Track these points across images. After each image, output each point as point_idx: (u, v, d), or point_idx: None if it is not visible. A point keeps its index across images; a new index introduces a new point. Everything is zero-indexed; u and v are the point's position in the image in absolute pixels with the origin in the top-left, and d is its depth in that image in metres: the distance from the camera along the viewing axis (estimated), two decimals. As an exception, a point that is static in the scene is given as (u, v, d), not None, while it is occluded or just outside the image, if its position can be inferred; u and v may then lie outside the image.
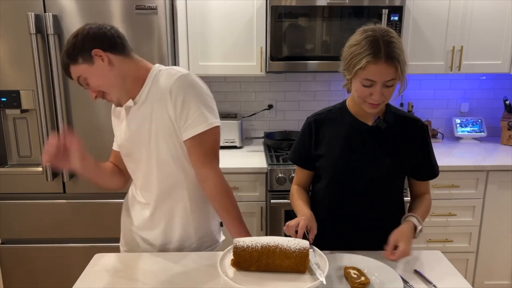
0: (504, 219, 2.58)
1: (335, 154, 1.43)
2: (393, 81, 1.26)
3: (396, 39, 1.25)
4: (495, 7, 2.60)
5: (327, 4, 2.46)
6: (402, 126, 1.42)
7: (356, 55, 1.26)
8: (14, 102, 2.17)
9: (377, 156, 1.40)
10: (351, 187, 1.44)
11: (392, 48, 1.23)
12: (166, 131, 1.37)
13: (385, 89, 1.27)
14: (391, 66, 1.23)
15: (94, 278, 1.32)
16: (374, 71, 1.24)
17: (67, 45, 1.29)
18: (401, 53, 1.24)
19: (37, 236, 2.34)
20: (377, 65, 1.23)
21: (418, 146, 1.43)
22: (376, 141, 1.40)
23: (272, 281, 1.19)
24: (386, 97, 1.30)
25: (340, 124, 1.45)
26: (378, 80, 1.25)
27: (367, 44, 1.24)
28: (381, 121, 1.39)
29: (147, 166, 1.42)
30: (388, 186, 1.46)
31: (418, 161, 1.44)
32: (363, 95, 1.30)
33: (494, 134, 3.10)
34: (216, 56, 2.61)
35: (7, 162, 2.31)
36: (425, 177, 1.49)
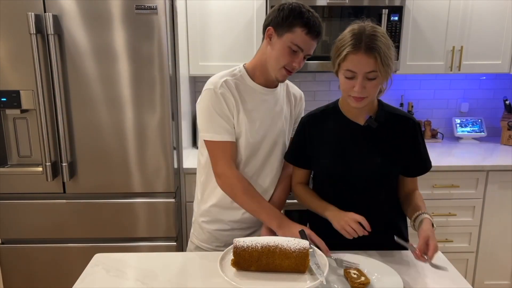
0: (504, 219, 2.58)
1: (327, 154, 1.45)
2: (374, 73, 1.26)
3: (380, 33, 1.27)
4: (495, 7, 2.60)
5: (327, 4, 2.46)
6: (393, 124, 1.42)
7: (339, 48, 1.31)
8: (14, 102, 2.17)
9: (368, 156, 1.41)
10: (344, 186, 1.45)
11: (373, 40, 1.25)
12: None
13: (367, 82, 1.28)
14: (370, 57, 1.24)
15: (94, 278, 1.32)
16: (354, 62, 1.26)
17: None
18: (383, 46, 1.25)
19: (37, 236, 2.34)
20: (356, 55, 1.25)
21: (408, 144, 1.43)
22: (367, 140, 1.41)
23: (272, 281, 1.19)
24: (368, 91, 1.29)
25: (332, 124, 1.46)
26: (358, 71, 1.26)
27: (350, 36, 1.28)
28: (372, 120, 1.40)
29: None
30: (381, 185, 1.46)
31: (408, 158, 1.44)
32: (346, 88, 1.32)
33: (494, 134, 3.10)
34: (216, 56, 2.61)
35: (7, 162, 2.31)
36: (416, 172, 1.50)
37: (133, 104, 2.19)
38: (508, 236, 2.60)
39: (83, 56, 2.13)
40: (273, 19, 1.41)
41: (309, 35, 1.38)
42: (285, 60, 1.41)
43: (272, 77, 1.47)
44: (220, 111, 1.44)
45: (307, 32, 1.38)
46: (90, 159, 2.25)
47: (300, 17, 1.37)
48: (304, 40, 1.39)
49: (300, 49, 1.40)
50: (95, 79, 2.15)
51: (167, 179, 2.30)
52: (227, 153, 1.46)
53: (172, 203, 2.33)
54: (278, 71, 1.44)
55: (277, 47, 1.41)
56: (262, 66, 1.48)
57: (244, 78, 1.50)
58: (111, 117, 2.20)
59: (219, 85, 1.44)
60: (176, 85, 2.33)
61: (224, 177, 1.47)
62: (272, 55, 1.43)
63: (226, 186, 1.48)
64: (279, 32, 1.40)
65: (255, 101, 1.50)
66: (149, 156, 2.26)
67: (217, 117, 1.44)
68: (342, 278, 1.27)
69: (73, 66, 2.14)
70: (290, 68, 1.43)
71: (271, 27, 1.42)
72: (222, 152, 1.46)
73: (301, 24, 1.37)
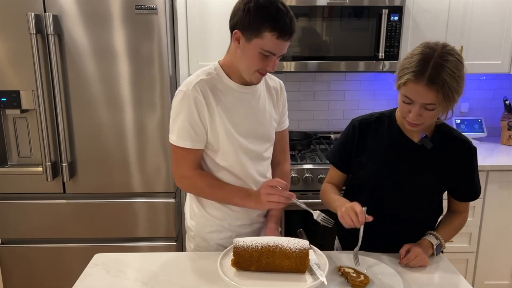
0: (504, 219, 2.58)
1: (374, 163, 1.41)
2: (432, 106, 1.20)
3: (451, 63, 1.17)
4: (495, 7, 2.60)
5: (327, 4, 2.45)
6: (448, 146, 1.37)
7: (404, 69, 1.23)
8: (14, 102, 2.17)
9: (416, 175, 1.37)
10: (384, 199, 1.42)
11: (440, 71, 1.16)
12: None
13: (425, 111, 1.22)
14: (431, 90, 1.17)
15: (94, 278, 1.32)
16: (413, 91, 1.20)
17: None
18: (448, 79, 1.16)
19: (37, 236, 2.34)
20: (417, 85, 1.18)
21: (461, 168, 1.38)
22: (418, 159, 1.37)
23: (272, 281, 1.19)
24: (425, 119, 1.24)
25: (385, 134, 1.42)
26: (416, 100, 1.21)
27: (417, 60, 1.20)
28: (427, 141, 1.35)
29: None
30: (424, 204, 1.44)
31: (458, 182, 1.40)
32: (402, 110, 1.28)
33: (494, 134, 3.10)
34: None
35: (7, 162, 2.31)
36: (464, 198, 1.45)
37: (133, 104, 2.19)
38: (508, 236, 2.60)
39: (83, 56, 2.13)
40: (239, 21, 1.29)
41: (280, 39, 1.28)
42: (257, 66, 1.33)
43: (247, 80, 1.40)
44: (189, 117, 1.37)
45: (278, 36, 1.27)
46: (90, 159, 2.25)
47: (268, 20, 1.25)
48: (275, 45, 1.28)
49: (272, 54, 1.31)
50: (95, 79, 2.15)
51: (167, 179, 2.30)
52: (189, 159, 1.42)
53: (172, 203, 2.33)
54: (252, 75, 1.36)
55: (247, 53, 1.31)
56: (234, 67, 1.40)
57: (221, 76, 1.43)
58: (111, 117, 2.20)
59: (192, 87, 1.37)
60: (176, 85, 2.33)
61: (186, 180, 1.45)
62: (243, 60, 1.34)
63: (191, 188, 1.48)
64: (246, 36, 1.29)
65: (234, 100, 1.42)
66: (149, 156, 2.26)
67: (184, 122, 1.38)
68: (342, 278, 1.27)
69: (73, 66, 2.14)
70: (264, 71, 1.36)
71: (237, 30, 1.30)
72: (184, 159, 1.42)
73: (270, 28, 1.25)
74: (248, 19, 1.26)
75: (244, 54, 1.32)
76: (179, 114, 1.38)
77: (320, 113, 3.06)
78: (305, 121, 3.08)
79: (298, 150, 2.70)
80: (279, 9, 1.26)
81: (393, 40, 2.51)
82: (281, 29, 1.26)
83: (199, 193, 1.50)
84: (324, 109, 3.05)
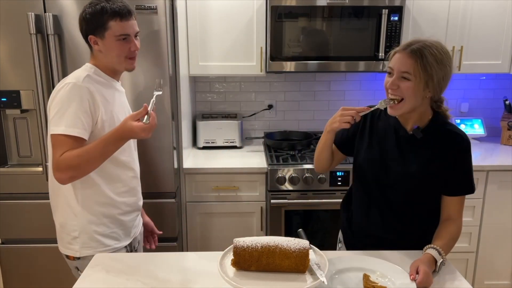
0: (504, 219, 2.58)
1: (370, 148, 1.49)
2: (408, 75, 1.29)
3: (435, 48, 1.30)
4: (495, 7, 2.60)
5: (327, 4, 2.45)
6: (441, 138, 1.41)
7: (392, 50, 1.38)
8: (14, 102, 2.17)
9: (403, 163, 1.43)
10: (375, 185, 1.48)
11: (423, 48, 1.28)
12: None
13: (401, 82, 1.31)
14: (410, 58, 1.28)
15: (94, 278, 1.32)
16: (395, 59, 1.33)
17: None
18: (430, 56, 1.27)
19: (37, 236, 2.34)
20: (400, 54, 1.32)
21: (451, 160, 1.40)
22: (408, 148, 1.43)
23: (272, 281, 1.19)
24: (402, 91, 1.31)
25: (383, 123, 1.50)
26: (395, 67, 1.32)
27: (406, 42, 1.34)
28: (417, 131, 1.41)
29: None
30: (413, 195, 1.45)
31: (450, 173, 1.41)
32: (385, 84, 1.36)
33: (494, 134, 3.10)
34: (216, 56, 2.61)
35: (7, 162, 2.31)
36: (457, 191, 1.45)
37: (133, 104, 2.18)
38: (508, 236, 2.60)
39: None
40: (87, 29, 1.49)
41: (124, 20, 1.48)
42: (123, 52, 1.51)
43: (122, 70, 1.58)
44: (80, 107, 1.43)
45: (120, 19, 1.47)
46: (90, 159, 2.25)
47: (105, 13, 1.45)
48: (123, 27, 1.48)
49: (126, 35, 1.49)
50: (95, 79, 2.15)
51: (167, 179, 2.30)
52: (74, 149, 1.42)
53: (172, 203, 2.33)
54: (124, 63, 1.54)
55: (108, 47, 1.49)
56: (105, 65, 1.55)
57: (98, 73, 1.55)
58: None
59: (82, 79, 1.46)
60: (176, 85, 2.33)
61: (62, 163, 1.41)
62: (109, 56, 1.51)
63: (67, 169, 1.42)
64: (99, 35, 1.48)
65: (113, 95, 1.57)
66: (149, 156, 2.26)
67: (76, 112, 1.42)
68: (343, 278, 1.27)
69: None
70: (131, 54, 1.54)
71: (91, 36, 1.49)
72: (69, 147, 1.41)
73: (111, 17, 1.46)
74: (92, 23, 1.47)
75: (107, 49, 1.50)
76: (70, 105, 1.42)
77: (320, 113, 3.06)
78: (305, 121, 3.08)
79: (298, 150, 2.70)
80: (109, 0, 1.48)
81: (393, 40, 2.51)
82: (118, 12, 1.47)
83: (77, 167, 1.43)
84: (324, 109, 3.05)
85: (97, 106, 1.48)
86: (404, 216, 1.47)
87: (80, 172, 1.45)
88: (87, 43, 1.54)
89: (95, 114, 1.48)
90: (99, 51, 1.52)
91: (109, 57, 1.52)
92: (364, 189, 1.53)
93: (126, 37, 1.50)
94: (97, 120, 1.48)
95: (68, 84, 1.44)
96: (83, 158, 1.41)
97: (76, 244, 1.56)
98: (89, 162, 1.44)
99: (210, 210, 2.52)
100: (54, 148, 1.43)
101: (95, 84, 1.50)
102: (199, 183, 2.49)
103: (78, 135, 1.43)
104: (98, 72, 1.54)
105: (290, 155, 2.62)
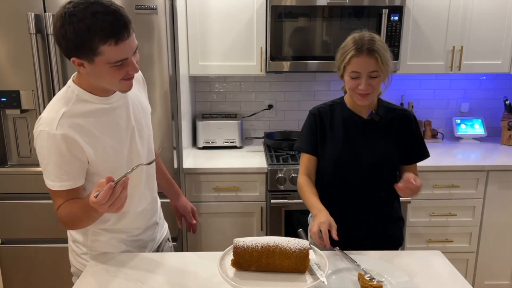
0: (504, 219, 2.58)
1: (336, 142, 1.59)
2: (376, 73, 1.44)
3: (377, 38, 1.46)
4: (495, 7, 2.60)
5: (327, 4, 2.45)
6: (392, 117, 1.58)
7: (343, 54, 1.48)
8: (14, 102, 2.17)
9: (372, 144, 1.57)
10: (350, 171, 1.58)
11: (373, 43, 1.43)
12: None
13: (371, 80, 1.45)
14: (372, 58, 1.42)
15: (94, 278, 1.32)
16: (358, 63, 1.43)
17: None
18: (381, 49, 1.43)
19: (37, 236, 2.34)
20: (360, 57, 1.43)
21: (406, 133, 1.58)
22: (371, 131, 1.57)
23: (272, 281, 1.19)
24: (373, 87, 1.46)
25: (340, 116, 1.61)
26: (362, 71, 1.43)
27: (352, 43, 1.45)
28: (374, 114, 1.57)
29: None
30: (382, 171, 1.58)
31: (407, 146, 1.58)
32: (352, 87, 1.47)
33: (494, 134, 3.10)
34: (216, 56, 2.61)
35: (7, 162, 2.31)
36: (415, 158, 1.61)
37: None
38: (508, 236, 2.60)
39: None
40: (68, 49, 1.14)
41: (120, 43, 1.12)
42: (119, 76, 1.19)
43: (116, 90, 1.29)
44: (60, 158, 1.23)
45: (116, 42, 1.11)
46: (90, 159, 2.25)
47: (94, 34, 1.09)
48: (119, 52, 1.13)
49: (124, 60, 1.16)
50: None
51: (167, 179, 2.29)
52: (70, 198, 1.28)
53: (172, 203, 2.33)
54: (119, 85, 1.23)
55: (99, 72, 1.17)
56: (93, 88, 1.27)
57: (83, 97, 1.27)
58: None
59: (56, 126, 1.21)
60: (176, 85, 2.33)
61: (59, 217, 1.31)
62: (100, 79, 1.21)
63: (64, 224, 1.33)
64: (87, 59, 1.14)
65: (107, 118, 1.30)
66: (149, 156, 2.26)
67: (58, 164, 1.23)
68: (343, 278, 1.27)
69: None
70: (129, 76, 1.22)
71: (74, 58, 1.15)
72: (63, 199, 1.28)
73: (103, 40, 1.09)
74: (73, 45, 1.11)
75: (97, 75, 1.18)
76: (50, 156, 1.23)
77: (320, 113, 3.06)
78: (305, 121, 3.08)
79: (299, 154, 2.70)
80: (96, 13, 1.09)
81: (393, 40, 2.51)
82: (113, 33, 1.10)
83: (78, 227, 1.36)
84: (324, 109, 3.05)
85: (80, 150, 1.25)
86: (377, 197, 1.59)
87: (76, 228, 1.38)
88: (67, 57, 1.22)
89: (83, 156, 1.26)
90: (86, 73, 1.21)
91: (99, 81, 1.23)
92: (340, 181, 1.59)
93: (123, 62, 1.16)
94: (88, 161, 1.28)
95: (42, 132, 1.22)
96: (71, 219, 1.30)
97: (86, 260, 1.46)
98: (79, 223, 1.32)
99: (210, 210, 2.52)
100: (52, 198, 1.32)
101: (76, 118, 1.24)
102: (199, 183, 2.49)
103: (66, 188, 1.26)
104: (82, 95, 1.26)
105: (290, 155, 2.62)
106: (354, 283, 1.25)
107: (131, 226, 1.47)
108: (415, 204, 2.51)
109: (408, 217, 2.53)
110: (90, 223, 1.32)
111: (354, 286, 1.24)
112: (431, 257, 1.43)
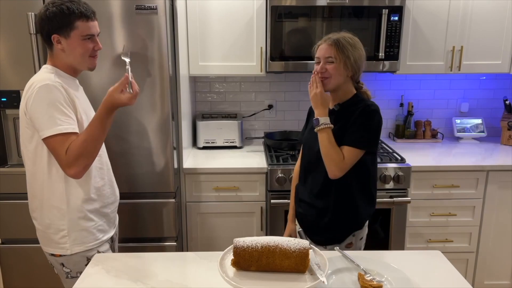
0: (504, 219, 2.58)
1: (306, 129, 1.86)
2: (332, 59, 1.62)
3: (348, 36, 1.65)
4: (495, 7, 2.60)
5: (327, 4, 2.45)
6: (354, 110, 1.67)
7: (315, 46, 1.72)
8: (14, 102, 2.17)
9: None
10: (310, 154, 1.76)
11: (338, 37, 1.63)
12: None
13: (327, 65, 1.64)
14: (331, 47, 1.63)
15: (94, 278, 1.32)
16: (320, 50, 1.67)
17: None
18: (344, 41, 1.62)
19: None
20: (322, 45, 1.67)
21: (352, 120, 1.65)
22: (333, 120, 1.69)
23: (272, 281, 1.19)
24: (329, 72, 1.64)
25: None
26: (321, 56, 1.66)
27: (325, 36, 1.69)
28: (337, 105, 1.73)
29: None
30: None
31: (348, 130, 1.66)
32: (314, 71, 1.68)
33: (494, 134, 3.10)
34: (216, 56, 2.61)
35: (7, 162, 2.31)
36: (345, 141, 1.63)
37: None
38: (508, 236, 2.60)
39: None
40: (51, 28, 1.50)
41: (90, 21, 1.54)
42: (88, 51, 1.55)
43: (82, 69, 1.61)
44: (64, 103, 1.47)
45: (87, 20, 1.52)
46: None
47: (72, 13, 1.49)
48: (89, 27, 1.53)
49: (91, 35, 1.55)
50: (94, 79, 2.15)
51: (167, 179, 2.30)
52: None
53: (172, 203, 2.33)
54: (87, 62, 1.58)
55: (73, 45, 1.53)
56: (66, 65, 1.57)
57: (60, 74, 1.56)
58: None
59: (53, 79, 1.49)
60: (176, 85, 2.33)
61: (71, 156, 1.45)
62: (73, 54, 1.54)
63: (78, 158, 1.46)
64: (64, 34, 1.51)
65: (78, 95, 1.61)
66: (149, 156, 2.26)
67: (62, 109, 1.47)
68: (343, 278, 1.27)
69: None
70: (94, 54, 1.58)
71: (55, 34, 1.51)
72: (69, 142, 1.46)
73: (78, 17, 1.50)
74: (56, 22, 1.49)
75: (71, 48, 1.53)
76: (55, 104, 1.45)
77: (320, 113, 3.06)
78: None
79: (298, 150, 2.69)
80: (72, 1, 1.52)
81: (393, 40, 2.51)
82: (84, 13, 1.52)
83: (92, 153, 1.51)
84: (324, 109, 3.05)
85: (71, 101, 1.52)
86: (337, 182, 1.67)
87: (91, 157, 1.51)
88: (46, 43, 1.56)
89: (74, 108, 1.54)
90: (61, 50, 1.53)
91: (71, 56, 1.54)
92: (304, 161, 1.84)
93: (91, 37, 1.55)
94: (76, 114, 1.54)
95: (42, 87, 1.45)
96: (89, 141, 1.47)
97: (66, 242, 1.60)
98: (95, 142, 1.50)
99: (210, 210, 2.52)
100: (55, 149, 1.46)
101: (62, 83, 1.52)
102: (199, 183, 2.49)
103: (73, 131, 1.48)
104: (59, 72, 1.56)
105: (290, 155, 2.62)
106: (354, 283, 1.25)
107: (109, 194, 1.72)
108: (415, 204, 2.51)
109: (408, 217, 2.53)
110: (103, 140, 1.55)
111: (354, 286, 1.24)
112: (431, 257, 1.43)
